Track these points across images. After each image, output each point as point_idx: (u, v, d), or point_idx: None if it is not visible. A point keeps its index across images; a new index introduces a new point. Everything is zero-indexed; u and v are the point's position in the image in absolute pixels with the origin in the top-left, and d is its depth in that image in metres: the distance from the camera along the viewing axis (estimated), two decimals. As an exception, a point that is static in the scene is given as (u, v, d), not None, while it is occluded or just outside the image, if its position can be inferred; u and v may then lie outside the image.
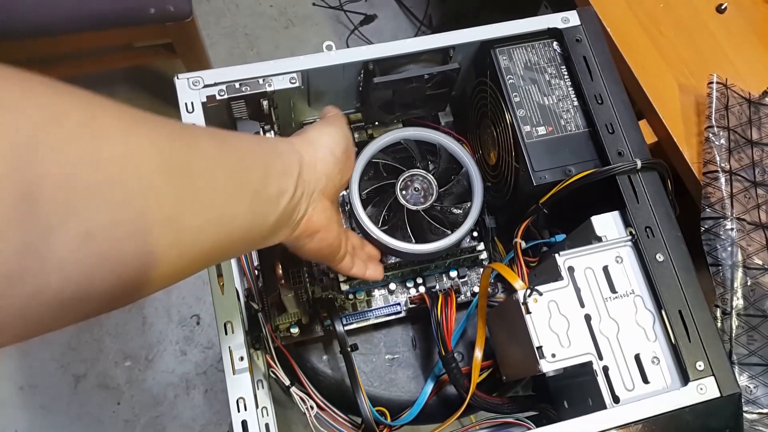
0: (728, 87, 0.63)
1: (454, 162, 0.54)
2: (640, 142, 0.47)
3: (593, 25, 0.51)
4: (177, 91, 0.45)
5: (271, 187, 0.34)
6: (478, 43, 0.51)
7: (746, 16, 0.70)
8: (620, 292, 0.44)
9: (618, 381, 0.42)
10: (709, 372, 0.41)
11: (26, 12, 0.90)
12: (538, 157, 0.48)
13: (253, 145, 0.35)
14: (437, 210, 0.53)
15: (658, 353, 0.42)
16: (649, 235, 0.44)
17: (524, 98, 0.49)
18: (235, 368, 0.40)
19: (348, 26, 1.46)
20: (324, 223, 0.39)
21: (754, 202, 0.60)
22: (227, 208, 0.30)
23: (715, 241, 0.58)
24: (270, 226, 0.34)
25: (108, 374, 1.16)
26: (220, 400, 1.15)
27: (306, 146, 0.39)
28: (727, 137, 0.61)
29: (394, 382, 0.56)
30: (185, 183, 0.27)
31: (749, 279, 0.57)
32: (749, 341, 0.56)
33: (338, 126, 0.42)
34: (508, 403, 0.50)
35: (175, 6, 0.94)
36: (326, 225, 0.40)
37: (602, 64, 0.49)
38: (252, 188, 0.32)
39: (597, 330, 0.42)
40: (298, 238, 0.39)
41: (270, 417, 0.50)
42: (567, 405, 0.47)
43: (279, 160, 0.36)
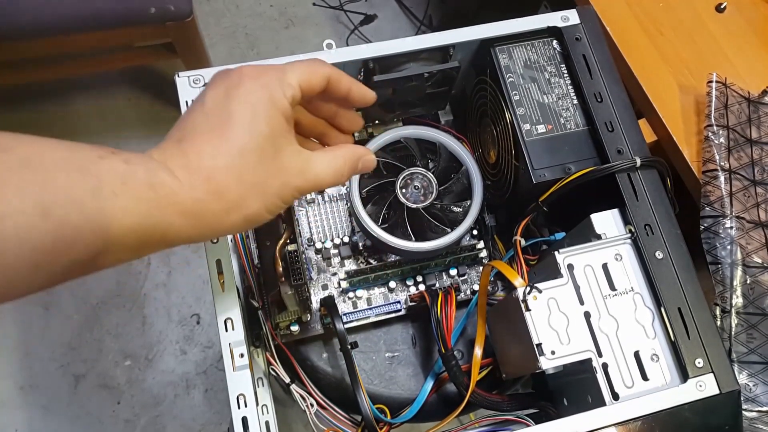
0: (727, 86, 0.64)
1: (454, 160, 0.55)
2: (640, 140, 0.47)
3: (593, 23, 0.51)
4: (177, 89, 0.46)
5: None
6: (478, 42, 0.52)
7: (746, 15, 0.70)
8: (620, 289, 0.44)
9: (617, 378, 0.42)
10: (709, 369, 0.41)
11: (27, 12, 0.90)
12: (537, 155, 0.48)
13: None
14: (437, 208, 0.53)
15: (658, 350, 0.42)
16: (649, 232, 0.44)
17: (524, 96, 0.49)
18: (236, 365, 0.40)
19: (348, 26, 1.46)
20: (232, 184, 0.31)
21: (753, 201, 0.60)
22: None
23: (714, 239, 0.58)
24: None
25: (108, 374, 1.16)
26: (220, 399, 1.15)
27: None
28: (726, 136, 0.61)
29: (394, 380, 0.56)
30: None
31: (748, 277, 0.57)
32: (749, 339, 0.56)
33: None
34: (508, 401, 0.50)
35: (175, 5, 0.95)
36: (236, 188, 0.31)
37: (602, 63, 0.49)
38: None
39: (596, 327, 0.43)
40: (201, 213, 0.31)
41: (270, 415, 0.50)
42: (567, 402, 0.48)
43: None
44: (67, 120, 1.32)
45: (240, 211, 0.32)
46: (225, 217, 0.32)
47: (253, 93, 0.33)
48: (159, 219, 0.30)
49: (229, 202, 0.31)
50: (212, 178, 0.31)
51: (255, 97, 0.32)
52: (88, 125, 1.32)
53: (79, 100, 1.33)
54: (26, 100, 1.32)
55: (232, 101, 0.32)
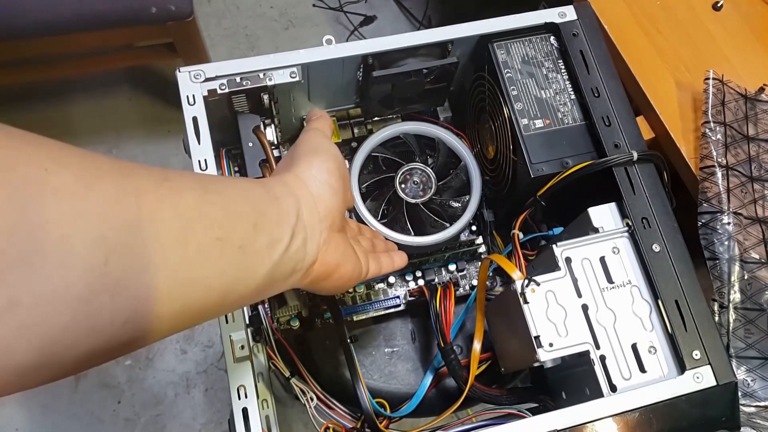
0: (724, 83, 0.64)
1: (452, 156, 0.55)
2: (637, 135, 0.48)
3: (590, 19, 0.52)
4: (178, 83, 0.46)
5: (260, 239, 0.30)
6: (476, 38, 0.52)
7: (742, 13, 0.71)
8: (617, 282, 0.44)
9: (615, 370, 0.42)
10: (706, 361, 0.41)
11: (28, 11, 0.91)
12: (535, 149, 0.48)
13: (243, 192, 0.31)
14: (436, 203, 0.54)
15: (655, 342, 0.43)
16: (646, 226, 0.45)
17: (522, 92, 0.50)
18: (236, 356, 0.41)
19: (348, 27, 1.47)
20: (339, 260, 0.36)
21: (750, 197, 0.60)
22: (199, 271, 0.26)
23: (712, 235, 0.58)
24: (261, 280, 0.30)
25: (108, 373, 1.16)
26: (221, 398, 1.15)
27: (301, 186, 0.35)
28: (723, 133, 0.62)
29: (393, 374, 0.56)
30: (144, 245, 0.23)
31: (746, 273, 0.57)
32: (746, 335, 0.57)
33: (327, 152, 0.38)
34: (507, 395, 0.50)
35: (176, 5, 0.95)
36: (342, 261, 0.37)
37: (599, 58, 0.50)
38: (235, 243, 0.28)
39: (594, 320, 0.43)
40: (313, 282, 0.36)
41: (270, 409, 0.51)
42: (565, 396, 0.48)
43: (273, 208, 0.32)
44: (68, 120, 1.32)
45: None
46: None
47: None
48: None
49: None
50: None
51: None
52: (88, 125, 1.32)
53: (80, 99, 1.33)
54: (27, 99, 1.33)
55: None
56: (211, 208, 0.28)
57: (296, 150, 0.39)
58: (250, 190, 0.32)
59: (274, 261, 0.31)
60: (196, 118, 0.45)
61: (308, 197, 0.35)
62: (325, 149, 0.39)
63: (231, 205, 0.29)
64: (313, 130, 0.41)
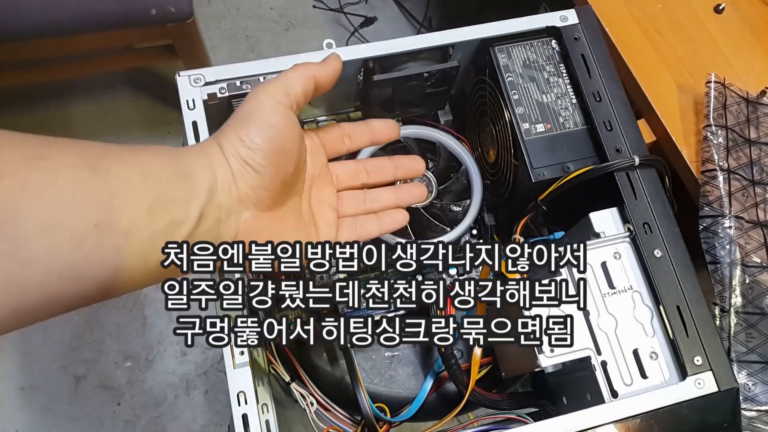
0: (726, 86, 0.64)
1: (453, 160, 0.55)
2: (638, 139, 0.48)
3: (591, 23, 0.51)
4: (178, 88, 0.46)
5: (155, 222, 0.28)
6: (478, 42, 0.52)
7: (744, 16, 0.71)
8: (618, 287, 0.44)
9: (616, 376, 0.42)
10: (707, 367, 0.41)
11: (28, 13, 0.91)
12: (536, 154, 0.48)
13: (142, 169, 0.29)
14: (437, 207, 0.53)
15: (656, 348, 0.43)
16: (647, 231, 0.44)
17: (523, 96, 0.50)
18: (236, 362, 0.40)
19: (348, 28, 1.47)
20: (267, 239, 0.34)
21: (752, 201, 0.60)
22: (70, 260, 0.24)
23: (713, 239, 0.58)
24: (155, 265, 0.29)
25: (108, 375, 1.16)
26: (221, 400, 1.15)
27: (220, 161, 0.32)
28: (725, 136, 0.62)
29: (393, 379, 0.56)
30: (2, 237, 0.22)
31: (747, 277, 0.57)
32: (748, 339, 0.56)
33: (262, 123, 0.33)
34: (507, 400, 0.50)
35: (176, 7, 0.95)
36: (259, 237, 0.34)
37: (600, 62, 0.50)
38: (120, 229, 0.26)
39: (595, 325, 0.43)
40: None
41: (270, 414, 0.51)
42: (566, 401, 0.48)
43: (180, 186, 0.30)
44: (68, 121, 1.32)
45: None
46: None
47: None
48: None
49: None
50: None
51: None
52: (88, 126, 1.32)
53: (80, 101, 1.33)
54: (27, 101, 1.33)
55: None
56: (91, 191, 0.25)
57: (236, 112, 0.35)
58: (153, 167, 0.29)
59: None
60: (195, 123, 0.45)
61: (226, 174, 0.32)
62: (260, 119, 0.33)
63: (120, 185, 0.27)
64: (263, 93, 0.34)
